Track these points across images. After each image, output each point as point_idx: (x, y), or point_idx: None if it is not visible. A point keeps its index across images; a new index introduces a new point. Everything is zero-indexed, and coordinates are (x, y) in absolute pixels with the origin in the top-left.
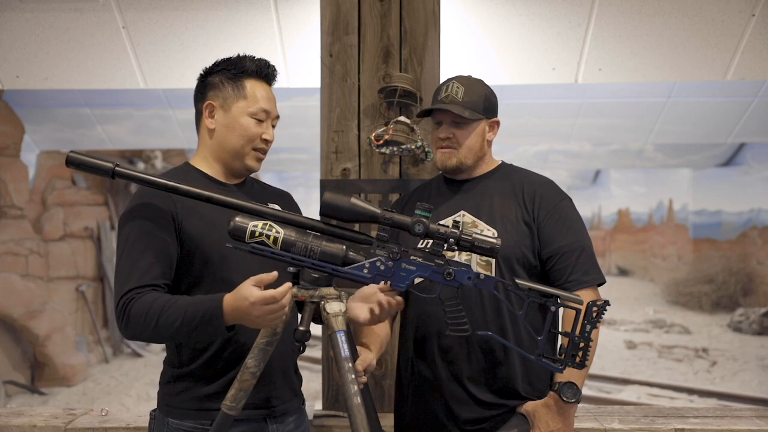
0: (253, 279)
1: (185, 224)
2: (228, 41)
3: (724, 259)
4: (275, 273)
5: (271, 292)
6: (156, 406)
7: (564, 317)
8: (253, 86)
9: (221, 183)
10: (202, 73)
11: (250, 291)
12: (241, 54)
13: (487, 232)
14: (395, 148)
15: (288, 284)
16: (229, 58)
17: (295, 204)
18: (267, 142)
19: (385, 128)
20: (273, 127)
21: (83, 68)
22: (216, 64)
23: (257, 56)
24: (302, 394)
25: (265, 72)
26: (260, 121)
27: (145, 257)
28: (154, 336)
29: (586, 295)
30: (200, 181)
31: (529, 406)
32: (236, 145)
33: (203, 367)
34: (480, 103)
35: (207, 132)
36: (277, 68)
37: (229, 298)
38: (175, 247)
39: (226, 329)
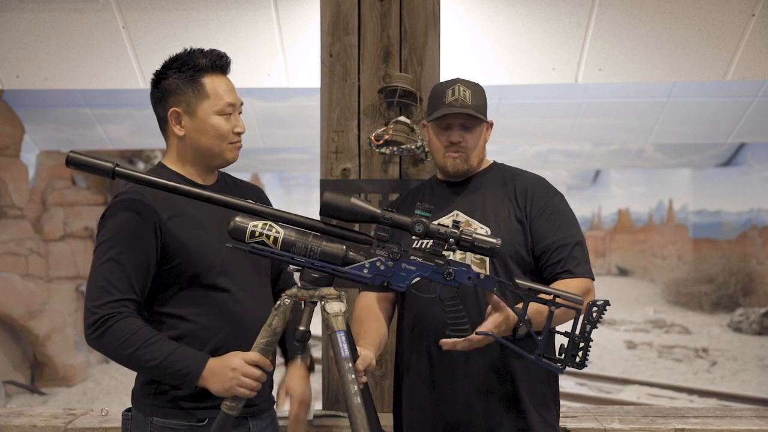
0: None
1: (170, 232)
2: (228, 41)
3: (724, 259)
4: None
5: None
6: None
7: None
8: (212, 82)
9: (196, 184)
10: (155, 77)
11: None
12: (188, 49)
13: (480, 231)
14: (395, 148)
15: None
16: (178, 57)
17: (267, 199)
18: (239, 133)
19: (385, 128)
20: (240, 113)
21: (83, 68)
22: (167, 66)
23: (206, 48)
24: (272, 395)
25: (219, 64)
26: (228, 114)
27: (123, 267)
28: (122, 360)
29: (578, 283)
30: (176, 182)
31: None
32: (211, 146)
33: None
34: (484, 106)
35: (176, 138)
36: (229, 56)
37: (213, 363)
38: (155, 257)
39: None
